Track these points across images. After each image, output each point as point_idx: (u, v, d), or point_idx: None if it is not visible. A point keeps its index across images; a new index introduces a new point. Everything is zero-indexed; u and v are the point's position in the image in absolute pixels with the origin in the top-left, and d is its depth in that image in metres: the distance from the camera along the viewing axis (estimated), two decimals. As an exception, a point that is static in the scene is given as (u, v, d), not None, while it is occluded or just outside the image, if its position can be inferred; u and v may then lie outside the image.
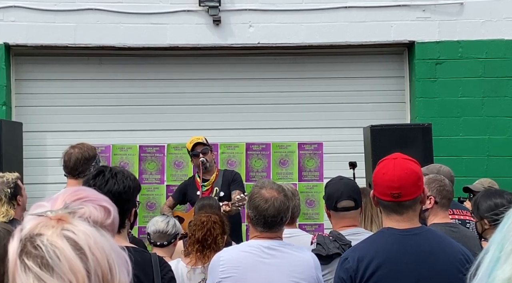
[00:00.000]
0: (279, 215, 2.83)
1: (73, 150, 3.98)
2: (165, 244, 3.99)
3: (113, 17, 6.86)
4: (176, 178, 6.26)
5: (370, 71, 7.22)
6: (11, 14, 6.78)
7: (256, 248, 2.86)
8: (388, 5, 6.97)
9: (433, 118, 6.61)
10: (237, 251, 2.94)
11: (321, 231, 6.24)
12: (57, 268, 0.98)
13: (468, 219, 3.78)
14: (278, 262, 2.84)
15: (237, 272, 2.82)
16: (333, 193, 3.27)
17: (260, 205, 2.83)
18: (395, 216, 2.48)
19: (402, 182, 2.44)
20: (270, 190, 2.87)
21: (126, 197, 2.43)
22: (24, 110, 6.96)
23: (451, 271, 2.41)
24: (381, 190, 2.47)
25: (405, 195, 2.45)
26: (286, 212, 2.85)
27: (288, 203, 2.88)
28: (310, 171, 6.39)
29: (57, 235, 1.01)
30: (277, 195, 2.85)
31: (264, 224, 2.85)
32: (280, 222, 2.86)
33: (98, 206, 1.15)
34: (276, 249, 2.86)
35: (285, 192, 2.95)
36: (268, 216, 2.82)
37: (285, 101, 7.13)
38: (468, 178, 6.58)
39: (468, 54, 6.94)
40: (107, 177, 2.42)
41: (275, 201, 2.83)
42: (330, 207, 3.28)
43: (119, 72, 7.11)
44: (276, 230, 2.88)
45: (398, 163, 2.48)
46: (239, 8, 6.94)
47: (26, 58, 7.02)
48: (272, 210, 2.82)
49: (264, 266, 2.83)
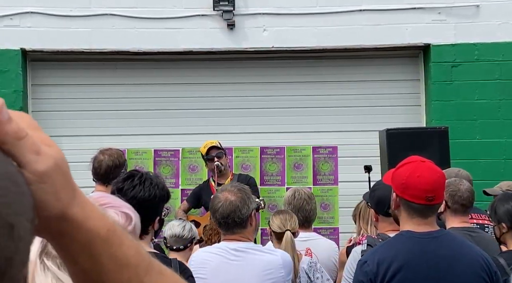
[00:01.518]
0: (229, 216, 2.87)
1: (103, 157, 3.96)
2: (181, 248, 4.00)
3: (127, 22, 6.90)
4: (191, 182, 6.27)
5: (385, 75, 7.19)
6: (27, 20, 6.84)
7: (223, 250, 2.92)
8: (403, 8, 6.93)
9: (449, 121, 6.56)
10: (206, 252, 3.01)
11: (336, 234, 6.21)
12: None
13: (487, 223, 3.74)
14: (245, 264, 2.88)
15: (204, 273, 2.87)
16: (385, 197, 3.21)
17: (213, 206, 2.93)
18: (419, 219, 2.45)
19: (437, 185, 2.43)
20: (226, 192, 2.94)
21: (151, 205, 2.42)
22: (40, 115, 7.01)
23: (471, 275, 2.39)
24: (416, 193, 2.42)
25: (437, 198, 2.44)
26: (237, 212, 2.87)
27: (241, 204, 2.90)
28: (325, 174, 6.37)
29: None
30: (229, 196, 2.90)
31: (220, 225, 2.94)
32: (233, 223, 2.89)
33: (120, 212, 1.16)
34: (243, 251, 2.91)
35: (243, 193, 2.95)
36: (220, 217, 2.89)
37: (299, 105, 7.12)
38: (485, 182, 6.51)
39: (484, 56, 6.89)
40: (135, 182, 2.42)
41: (225, 202, 2.88)
42: (380, 211, 3.21)
43: (134, 77, 7.14)
44: (236, 231, 2.91)
45: (430, 166, 2.46)
46: (253, 12, 6.95)
47: (42, 64, 7.08)
48: (222, 211, 2.88)
49: (230, 267, 2.88)
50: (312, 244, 3.72)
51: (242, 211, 2.90)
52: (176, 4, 6.94)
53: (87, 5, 6.87)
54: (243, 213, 2.90)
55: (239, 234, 2.93)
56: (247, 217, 2.92)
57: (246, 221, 2.93)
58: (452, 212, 3.33)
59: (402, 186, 2.46)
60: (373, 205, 3.29)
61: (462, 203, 3.33)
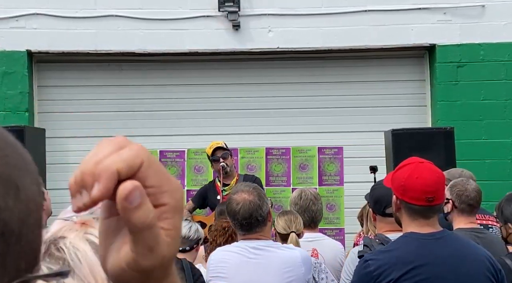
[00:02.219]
0: (252, 216, 2.87)
1: None
2: (187, 249, 4.00)
3: (133, 23, 6.91)
4: (197, 183, 6.28)
5: (390, 75, 7.18)
6: (33, 21, 6.87)
7: (243, 248, 2.91)
8: (408, 8, 6.92)
9: (455, 121, 6.55)
10: (225, 251, 3.00)
11: (342, 235, 6.21)
12: (77, 270, 1.00)
13: (491, 224, 3.74)
14: (265, 261, 2.88)
15: (224, 272, 2.87)
16: (383, 197, 3.18)
17: (232, 209, 2.90)
18: (422, 220, 2.45)
19: (437, 186, 2.42)
20: (241, 193, 2.93)
21: None
22: (46, 117, 7.04)
23: (477, 274, 2.39)
24: (415, 195, 2.42)
25: (438, 199, 2.44)
26: (259, 211, 2.88)
27: (261, 202, 2.91)
28: (330, 175, 6.37)
29: (79, 238, 1.03)
30: (247, 197, 2.90)
31: (242, 227, 2.92)
32: (256, 222, 2.89)
33: None
34: (263, 249, 2.90)
35: (259, 192, 2.97)
36: (242, 219, 2.88)
37: (304, 106, 7.12)
38: (491, 182, 6.50)
39: (490, 56, 6.87)
40: None
41: (244, 203, 2.88)
42: (378, 211, 3.20)
43: (139, 78, 7.16)
44: (257, 230, 2.92)
45: (428, 167, 2.45)
46: (258, 13, 6.95)
47: (48, 65, 7.10)
48: (243, 212, 2.87)
49: (251, 265, 2.87)
50: (318, 245, 3.72)
51: (262, 208, 2.91)
52: (181, 5, 6.95)
53: (93, 7, 6.89)
54: (263, 211, 2.91)
55: (259, 233, 2.93)
56: (266, 214, 2.94)
57: (266, 218, 2.94)
58: (459, 212, 3.32)
59: (402, 188, 2.45)
60: (372, 204, 3.29)
61: (469, 203, 3.32)
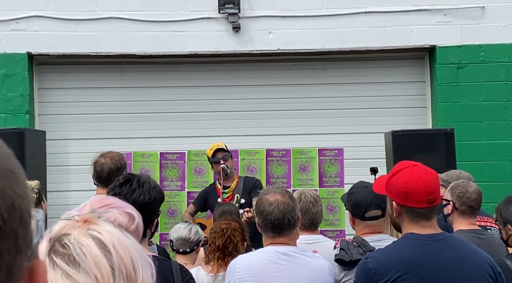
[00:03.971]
0: (285, 217, 2.84)
1: (105, 160, 3.98)
2: (187, 251, 4.01)
3: (133, 25, 6.92)
4: (197, 185, 6.28)
5: (390, 76, 7.18)
6: (34, 24, 6.87)
7: (273, 254, 2.86)
8: (408, 10, 6.93)
9: (455, 123, 6.55)
10: (254, 257, 2.94)
11: (342, 237, 6.20)
12: (83, 264, 1.04)
13: (490, 225, 3.73)
14: (296, 268, 2.84)
15: (254, 279, 2.83)
16: (361, 202, 3.17)
17: (265, 209, 2.86)
18: (423, 222, 2.45)
19: (435, 186, 2.44)
20: (274, 194, 2.90)
21: (151, 208, 2.43)
22: (47, 119, 7.04)
23: (477, 276, 2.39)
24: (417, 198, 2.42)
25: (437, 198, 2.46)
26: (291, 213, 2.86)
27: (293, 204, 2.89)
28: (331, 176, 6.37)
29: (83, 234, 1.07)
30: (281, 198, 2.87)
31: (273, 228, 2.86)
32: (288, 224, 2.86)
33: (123, 212, 1.18)
34: (293, 255, 2.86)
35: (290, 194, 2.96)
36: (274, 219, 2.84)
37: (305, 107, 7.12)
38: (492, 183, 6.50)
39: (490, 58, 6.87)
40: (134, 186, 2.43)
41: (279, 204, 2.85)
42: (357, 215, 3.20)
43: (140, 80, 7.17)
44: (287, 233, 2.89)
45: (423, 169, 2.47)
46: (259, 15, 6.95)
47: (48, 67, 7.11)
48: (277, 213, 2.83)
49: (281, 272, 2.83)
50: (318, 246, 3.72)
51: (295, 211, 2.89)
52: (182, 7, 6.96)
53: (93, 9, 6.90)
54: (296, 213, 2.89)
55: (288, 237, 2.89)
56: (297, 218, 2.92)
57: (296, 222, 2.92)
58: (460, 213, 3.31)
59: (402, 194, 2.44)
60: (350, 208, 3.25)
61: (470, 205, 3.31)
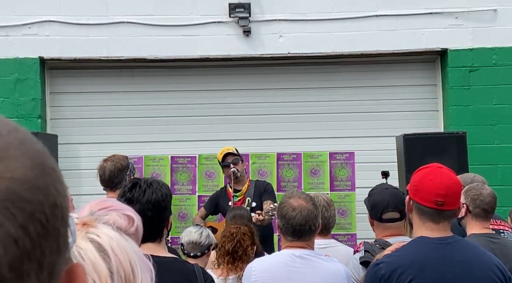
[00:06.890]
0: (307, 223, 2.84)
1: (106, 163, 4.10)
2: (198, 254, 4.01)
3: (144, 29, 6.95)
4: (208, 188, 6.28)
5: (402, 80, 7.16)
6: (45, 28, 6.92)
7: (288, 257, 2.86)
8: (419, 13, 6.90)
9: (467, 126, 6.51)
10: (269, 260, 2.96)
11: (353, 241, 6.18)
12: None
13: (503, 229, 3.70)
14: (311, 271, 2.83)
15: (269, 282, 2.83)
16: (379, 203, 3.17)
17: (288, 214, 2.86)
18: (430, 224, 2.46)
19: (448, 191, 2.43)
20: (298, 199, 2.89)
21: (165, 204, 2.48)
22: (58, 123, 7.08)
23: (487, 280, 2.38)
24: (425, 196, 2.45)
25: (448, 204, 2.44)
26: (314, 220, 2.86)
27: (317, 212, 2.89)
28: (342, 180, 6.35)
29: (81, 237, 1.06)
30: (305, 204, 2.87)
31: (293, 233, 2.86)
32: (309, 230, 2.86)
33: (122, 215, 1.18)
34: (308, 259, 2.86)
35: (314, 201, 2.96)
36: (296, 225, 2.84)
37: (315, 111, 7.11)
38: (504, 187, 6.45)
39: (502, 61, 6.83)
40: (143, 187, 2.47)
41: (302, 209, 2.84)
42: (374, 216, 3.20)
43: (151, 84, 7.19)
44: (306, 238, 2.88)
45: (445, 172, 2.48)
46: (269, 19, 6.96)
47: (60, 72, 7.15)
48: (300, 218, 2.83)
49: (296, 275, 2.83)
50: (331, 251, 3.71)
51: (317, 218, 2.90)
52: (193, 11, 6.98)
53: (104, 13, 6.94)
54: (318, 220, 2.90)
55: (306, 241, 2.90)
56: (318, 225, 2.93)
57: (317, 229, 2.93)
58: (473, 216, 3.28)
59: (414, 188, 2.50)
60: (368, 209, 3.26)
61: (483, 208, 3.29)
